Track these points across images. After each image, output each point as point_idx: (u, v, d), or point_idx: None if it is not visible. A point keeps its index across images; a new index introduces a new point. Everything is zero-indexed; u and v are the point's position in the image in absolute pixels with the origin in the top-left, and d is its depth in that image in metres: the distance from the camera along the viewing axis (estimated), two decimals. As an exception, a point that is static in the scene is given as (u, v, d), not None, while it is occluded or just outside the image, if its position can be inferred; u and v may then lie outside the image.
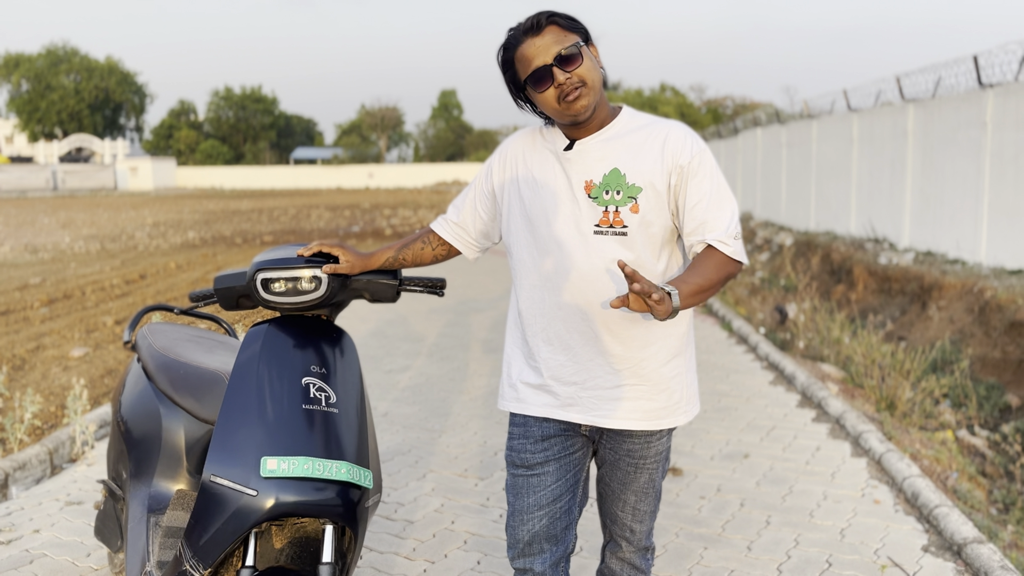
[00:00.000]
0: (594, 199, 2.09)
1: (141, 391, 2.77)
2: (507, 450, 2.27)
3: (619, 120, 2.14)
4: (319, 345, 2.20)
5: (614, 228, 2.07)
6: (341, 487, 2.03)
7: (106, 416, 4.97)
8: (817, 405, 5.53)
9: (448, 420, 5.25)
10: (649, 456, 2.22)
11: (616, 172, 2.08)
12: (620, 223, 2.07)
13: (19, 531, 3.62)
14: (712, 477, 4.27)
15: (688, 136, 2.10)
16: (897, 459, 4.28)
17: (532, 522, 2.20)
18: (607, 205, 2.08)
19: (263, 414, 2.04)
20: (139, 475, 2.59)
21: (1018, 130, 10.09)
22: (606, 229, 2.07)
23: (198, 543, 2.02)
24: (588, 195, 2.10)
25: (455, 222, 2.35)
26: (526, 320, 2.20)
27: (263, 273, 2.19)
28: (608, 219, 2.07)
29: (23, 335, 8.14)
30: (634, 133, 2.12)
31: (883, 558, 3.38)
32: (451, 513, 3.83)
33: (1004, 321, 8.71)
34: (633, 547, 2.32)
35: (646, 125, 2.13)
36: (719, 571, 3.28)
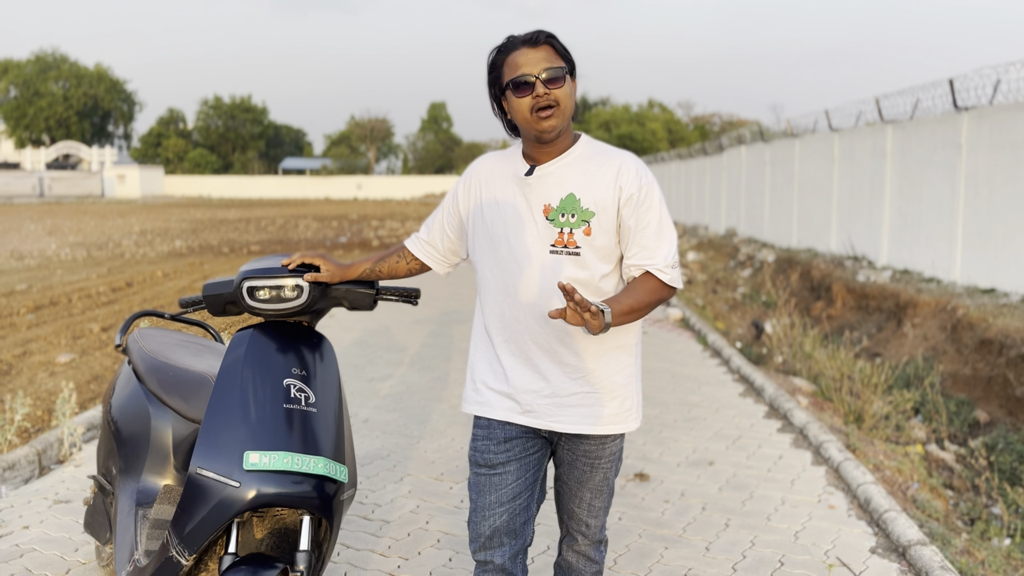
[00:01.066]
0: (551, 221, 2.24)
1: (131, 392, 2.92)
2: (471, 450, 2.40)
3: (577, 147, 2.29)
4: (300, 349, 2.37)
5: (568, 248, 2.23)
6: (318, 481, 2.20)
7: (93, 419, 5.08)
8: (783, 416, 5.71)
9: (427, 427, 5.39)
10: (604, 457, 2.38)
11: (572, 197, 2.23)
12: (573, 243, 2.23)
13: (9, 527, 3.74)
14: (677, 483, 4.43)
15: (639, 169, 2.27)
16: (854, 467, 4.46)
17: (493, 518, 2.34)
18: (562, 227, 2.24)
19: (247, 412, 2.21)
20: (128, 471, 2.74)
21: (992, 152, 10.34)
22: (560, 249, 2.23)
23: (184, 531, 2.18)
24: (546, 217, 2.25)
25: (425, 240, 2.51)
26: (491, 331, 2.35)
27: (249, 281, 2.36)
28: (563, 240, 2.23)
29: (9, 341, 8.21)
30: (589, 160, 2.28)
31: (832, 558, 3.56)
32: (426, 514, 3.98)
33: (975, 339, 8.92)
34: (588, 540, 2.48)
35: (601, 153, 2.30)
36: (678, 570, 3.44)
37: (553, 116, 2.18)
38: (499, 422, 2.34)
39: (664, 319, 10.01)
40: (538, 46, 2.20)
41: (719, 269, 17.37)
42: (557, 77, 2.18)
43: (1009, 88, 10.45)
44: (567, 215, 2.23)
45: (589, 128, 63.99)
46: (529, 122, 2.20)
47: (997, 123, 10.28)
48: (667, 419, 5.65)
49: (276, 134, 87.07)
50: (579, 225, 2.23)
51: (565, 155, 2.27)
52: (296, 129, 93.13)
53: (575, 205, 2.23)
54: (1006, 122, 10.09)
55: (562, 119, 2.20)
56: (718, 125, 71.21)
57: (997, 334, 8.54)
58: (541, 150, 2.26)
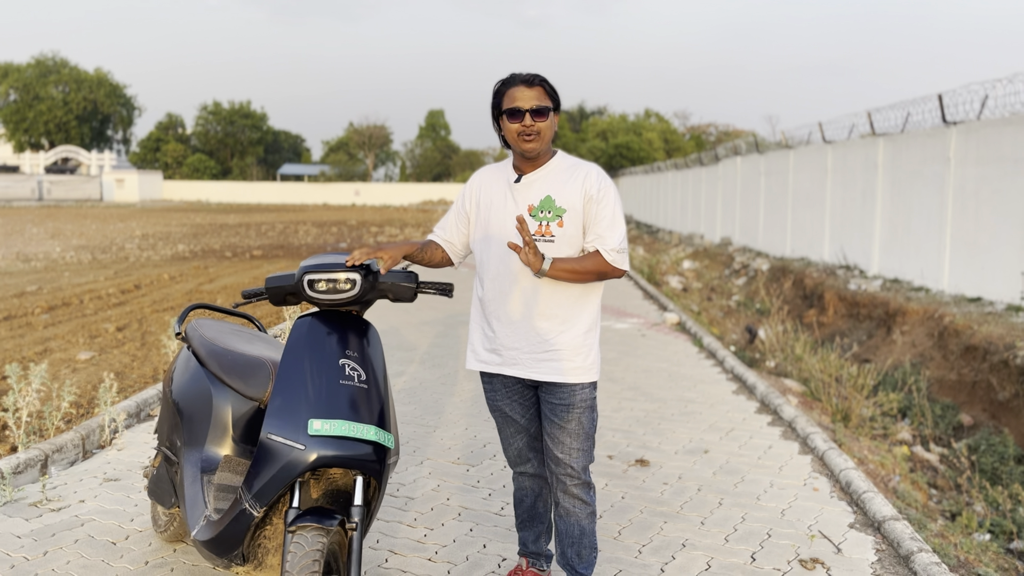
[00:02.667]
0: (533, 216, 2.92)
1: (192, 374, 3.28)
2: (486, 400, 3.16)
3: (554, 160, 2.99)
4: (352, 334, 2.76)
5: (545, 237, 2.90)
6: (370, 446, 2.59)
7: (129, 407, 5.41)
8: (773, 411, 6.07)
9: (441, 418, 5.72)
10: (576, 403, 2.95)
11: (549, 198, 2.91)
12: (549, 233, 2.90)
13: (66, 501, 4.06)
14: (675, 468, 4.82)
15: (599, 176, 2.95)
16: (836, 455, 4.83)
17: (516, 443, 3.14)
18: (541, 221, 2.91)
19: (309, 387, 2.59)
20: (192, 443, 3.09)
21: (979, 166, 10.66)
22: (539, 237, 2.90)
23: (256, 488, 2.56)
24: (529, 214, 2.92)
25: (444, 239, 3.16)
26: (484, 303, 3.02)
27: (309, 275, 2.75)
28: (541, 230, 2.91)
29: (28, 339, 8.47)
30: (564, 171, 2.96)
31: (814, 531, 3.94)
32: (446, 492, 4.33)
33: (960, 345, 9.22)
34: (576, 481, 2.99)
35: (572, 166, 2.98)
36: (675, 540, 3.82)
37: (534, 141, 2.86)
38: (500, 377, 3.04)
39: (662, 323, 10.34)
40: (533, 87, 2.86)
41: (714, 277, 17.69)
42: (542, 113, 2.85)
43: (996, 104, 10.76)
44: (545, 212, 2.91)
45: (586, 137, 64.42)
46: (516, 142, 2.89)
47: (984, 138, 10.60)
48: (665, 413, 5.99)
49: (275, 140, 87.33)
50: (554, 219, 2.90)
51: (545, 167, 2.96)
52: (295, 135, 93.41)
53: (551, 204, 2.91)
54: (992, 137, 10.42)
55: (541, 144, 2.88)
56: (714, 135, 71.61)
57: (981, 341, 8.84)
58: (526, 163, 2.95)
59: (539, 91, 2.84)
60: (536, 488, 3.18)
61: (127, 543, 3.62)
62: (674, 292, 14.13)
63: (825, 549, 3.73)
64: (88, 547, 3.56)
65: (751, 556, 3.65)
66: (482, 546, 3.68)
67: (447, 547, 3.66)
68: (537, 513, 3.20)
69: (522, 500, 3.20)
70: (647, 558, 3.61)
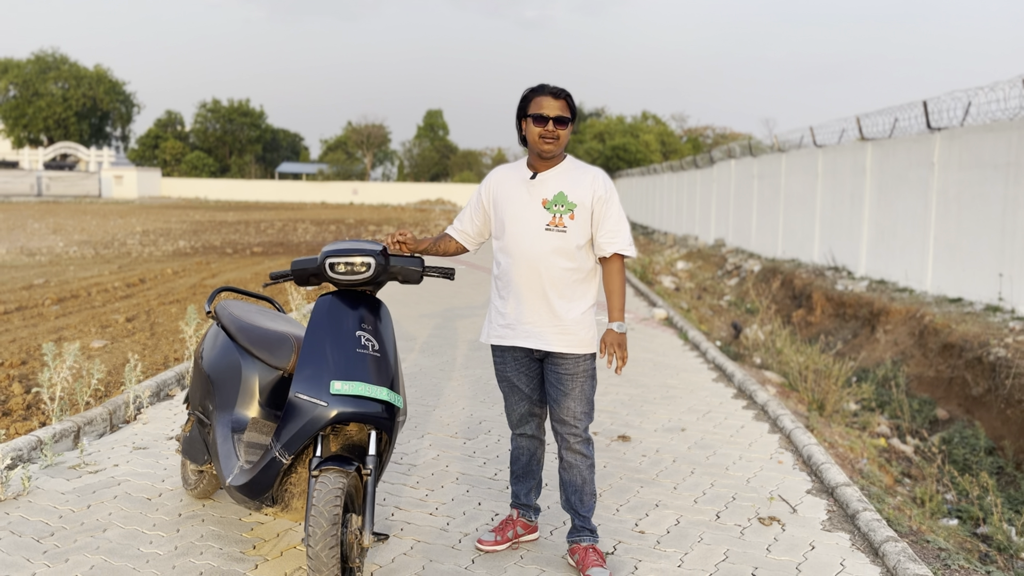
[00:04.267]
0: (547, 209, 3.38)
1: (222, 347, 3.72)
2: (495, 372, 3.60)
3: (564, 163, 3.46)
4: (367, 310, 3.22)
5: (558, 228, 3.36)
6: (383, 405, 3.04)
7: (152, 387, 5.84)
8: (749, 396, 6.53)
9: (440, 399, 6.15)
10: (578, 372, 3.41)
11: (562, 194, 3.38)
12: (562, 224, 3.36)
13: (102, 465, 4.49)
14: (653, 443, 5.26)
15: (605, 179, 3.44)
16: (802, 433, 5.27)
17: (519, 408, 3.57)
18: (555, 213, 3.37)
19: (331, 354, 3.05)
20: (223, 407, 3.53)
21: (961, 171, 11.01)
22: (553, 228, 3.36)
23: (285, 439, 3.01)
24: (543, 207, 3.38)
25: (460, 229, 3.63)
26: (501, 284, 3.47)
27: (330, 259, 3.21)
28: (555, 222, 3.36)
29: (42, 329, 8.81)
30: (573, 172, 3.43)
31: (774, 495, 4.38)
32: (445, 460, 4.78)
33: (939, 343, 9.60)
34: (578, 439, 3.45)
35: (580, 168, 3.46)
36: (650, 501, 4.26)
37: (552, 144, 3.35)
38: (511, 350, 3.49)
39: (650, 318, 10.75)
40: (559, 99, 3.35)
41: (707, 278, 18.05)
42: (564, 122, 3.35)
43: (978, 111, 11.10)
44: (559, 205, 3.38)
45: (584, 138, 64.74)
46: (536, 143, 3.36)
47: (966, 144, 10.94)
48: (648, 397, 6.43)
49: (273, 138, 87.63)
50: (566, 212, 3.37)
51: (557, 167, 3.44)
52: (293, 134, 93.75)
53: (564, 199, 3.38)
54: (974, 143, 10.76)
55: (557, 147, 3.36)
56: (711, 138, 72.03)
57: (958, 339, 9.22)
58: (541, 163, 3.41)
59: (563, 103, 3.32)
60: (532, 448, 3.62)
61: (161, 499, 4.04)
62: (666, 291, 14.51)
63: (783, 510, 4.17)
64: (126, 502, 3.98)
65: (716, 514, 4.08)
66: (477, 504, 4.12)
67: (446, 504, 4.09)
68: (531, 469, 3.64)
69: (519, 458, 3.63)
70: (623, 515, 4.04)
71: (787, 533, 3.86)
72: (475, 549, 3.59)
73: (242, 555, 3.45)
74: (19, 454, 4.39)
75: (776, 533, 3.85)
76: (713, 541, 3.75)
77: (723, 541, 3.76)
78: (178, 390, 6.15)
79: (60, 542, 3.54)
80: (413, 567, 3.41)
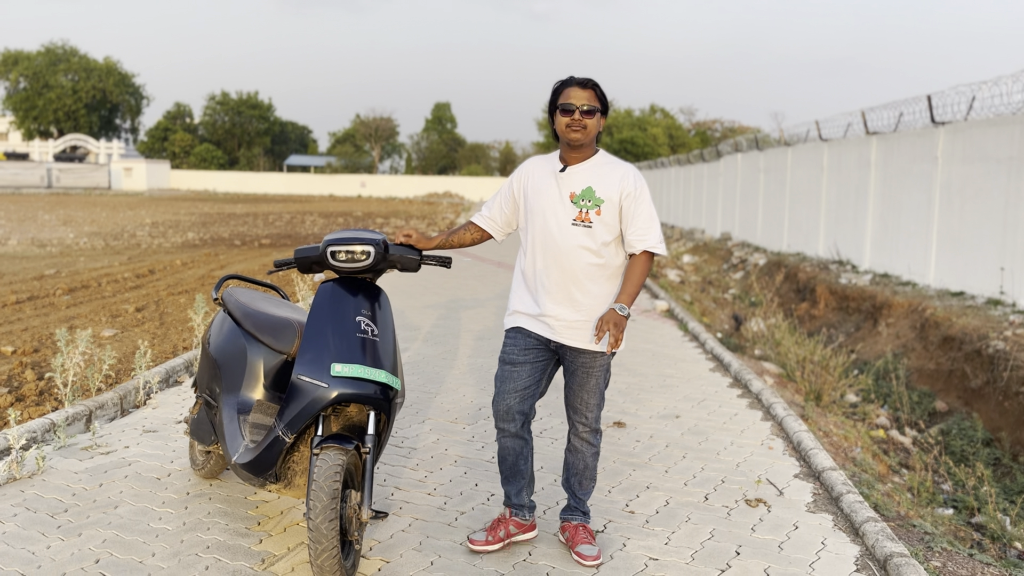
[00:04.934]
0: (574, 203, 3.34)
1: (229, 332, 3.85)
2: (501, 353, 3.50)
3: (596, 157, 3.41)
4: (367, 297, 3.34)
5: (584, 223, 3.32)
6: (381, 387, 3.17)
7: (161, 373, 6.00)
8: (744, 386, 6.65)
9: (442, 386, 6.29)
10: (596, 367, 3.41)
11: (590, 189, 3.33)
12: (588, 220, 3.32)
13: (113, 447, 4.65)
14: (648, 429, 5.37)
15: (636, 176, 3.37)
16: (793, 420, 5.39)
17: (509, 400, 3.45)
18: (581, 208, 3.33)
19: (331, 337, 3.17)
20: (230, 390, 3.66)
21: (964, 165, 11.05)
22: (579, 223, 3.32)
23: (288, 419, 3.15)
24: (571, 201, 3.34)
25: (488, 216, 3.59)
26: (527, 275, 3.44)
27: (332, 247, 3.32)
28: (581, 217, 3.32)
29: (53, 318, 8.97)
30: (603, 167, 3.38)
31: (762, 479, 4.51)
32: (445, 444, 4.91)
33: (939, 336, 9.67)
34: (587, 428, 3.50)
35: (611, 163, 3.41)
36: (641, 483, 4.39)
37: (579, 133, 3.31)
38: (524, 334, 3.43)
39: (652, 310, 10.86)
40: (586, 88, 3.31)
41: (712, 271, 18.11)
42: (592, 112, 3.30)
43: (982, 105, 11.13)
44: (586, 200, 3.34)
45: (591, 132, 64.51)
46: (564, 132, 3.33)
47: (970, 138, 10.97)
48: (644, 385, 6.56)
49: (281, 131, 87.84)
50: (593, 208, 3.33)
51: (588, 161, 3.40)
52: (301, 126, 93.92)
53: (592, 194, 3.34)
54: (978, 137, 10.79)
55: (585, 137, 3.32)
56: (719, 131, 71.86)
57: (958, 332, 9.30)
58: (571, 155, 3.37)
59: (590, 93, 3.29)
60: (517, 448, 3.50)
61: (169, 479, 4.19)
62: (670, 284, 14.60)
63: (769, 492, 4.29)
64: (137, 481, 4.14)
65: (704, 496, 4.21)
66: (474, 484, 4.26)
67: (444, 485, 4.23)
68: (519, 470, 3.53)
69: (505, 458, 3.53)
70: (615, 496, 4.18)
71: (772, 514, 3.98)
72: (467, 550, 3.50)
73: (247, 530, 3.60)
74: (34, 436, 4.54)
75: (762, 514, 3.98)
76: (700, 521, 3.87)
77: (710, 521, 3.88)
78: (186, 376, 6.30)
79: (73, 518, 3.69)
80: (411, 542, 3.55)
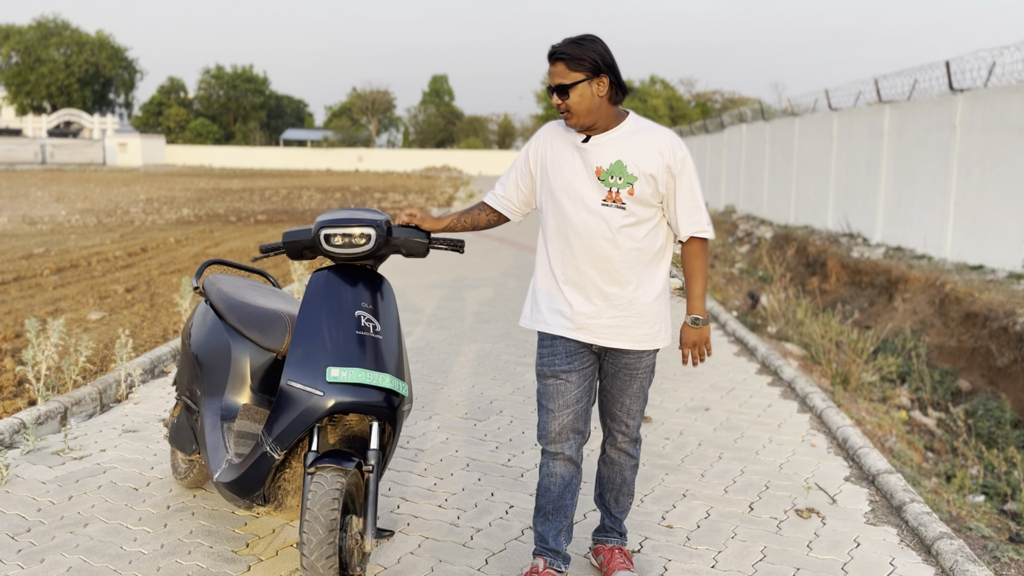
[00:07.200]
0: (602, 181, 2.76)
1: (211, 327, 3.38)
2: (539, 365, 2.94)
3: (625, 124, 2.79)
4: (367, 287, 2.84)
5: (616, 203, 2.76)
6: (385, 393, 2.69)
7: (144, 364, 5.54)
8: (774, 372, 6.21)
9: (449, 376, 5.86)
10: (640, 368, 2.91)
11: (620, 163, 2.74)
12: (620, 200, 2.75)
13: (88, 450, 4.20)
14: (676, 424, 4.93)
15: (674, 145, 2.77)
16: (835, 413, 4.95)
17: (562, 418, 2.89)
18: (611, 187, 2.75)
19: (327, 336, 2.69)
20: (212, 393, 3.20)
21: (984, 134, 10.66)
22: (610, 203, 2.76)
23: (277, 432, 2.68)
24: (598, 178, 2.76)
25: (502, 195, 3.01)
26: (554, 266, 2.87)
27: (326, 229, 2.81)
28: (612, 196, 2.76)
29: (39, 299, 8.58)
30: (636, 135, 2.77)
31: (811, 483, 4.06)
32: (455, 444, 4.47)
33: (961, 312, 9.31)
34: (627, 438, 3.00)
35: (646, 129, 2.80)
36: (677, 490, 3.95)
37: (570, 119, 2.73)
38: (562, 340, 2.87)
39: (665, 289, 10.44)
40: (554, 63, 2.70)
41: (718, 245, 17.74)
42: (563, 90, 2.68)
43: (1003, 71, 10.73)
44: (615, 177, 2.76)
45: (591, 104, 63.87)
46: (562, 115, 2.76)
47: (990, 105, 10.59)
48: (667, 373, 6.10)
49: (277, 105, 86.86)
50: (624, 186, 2.75)
51: (615, 130, 2.78)
52: (297, 100, 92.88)
53: (622, 170, 2.75)
54: (999, 104, 10.40)
55: (580, 119, 2.71)
56: (720, 103, 71.14)
57: (982, 308, 8.93)
58: (588, 129, 2.76)
59: (559, 67, 2.67)
60: (567, 476, 2.93)
61: (148, 489, 3.75)
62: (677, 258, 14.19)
63: (821, 500, 3.85)
64: (111, 492, 3.70)
65: (749, 506, 3.77)
66: (490, 494, 3.82)
67: (456, 495, 3.79)
68: (563, 505, 2.94)
69: (549, 488, 2.94)
70: (649, 507, 3.73)
71: (828, 527, 3.55)
72: None
73: (234, 554, 3.16)
74: (1, 438, 4.12)
75: (816, 527, 3.55)
76: (748, 537, 3.44)
77: (759, 537, 3.44)
78: (173, 366, 5.88)
79: (37, 539, 3.27)
80: (421, 568, 3.10)
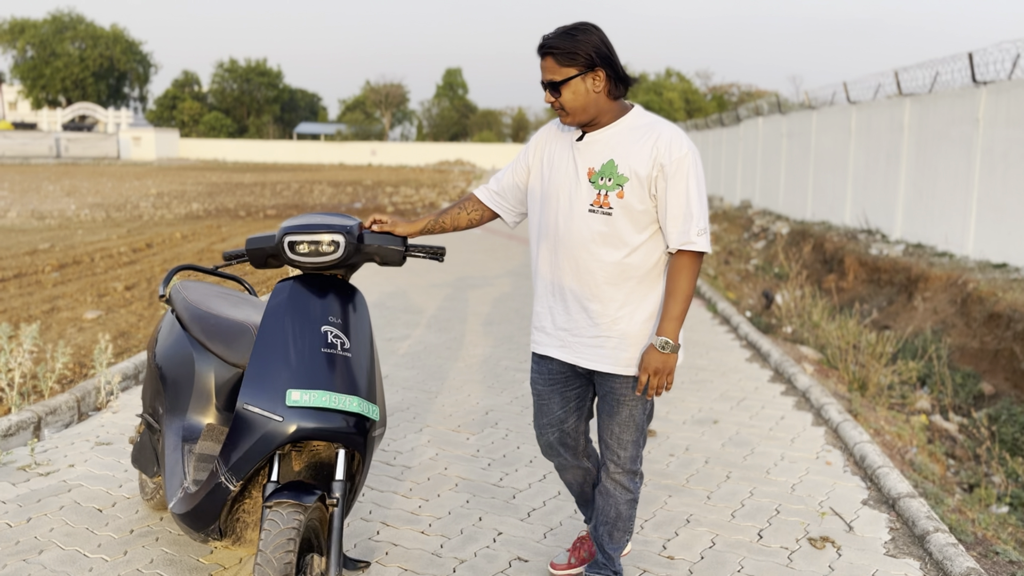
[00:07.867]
0: (592, 183, 2.51)
1: (176, 339, 3.12)
2: (530, 381, 2.82)
3: (625, 119, 2.53)
4: (336, 299, 2.58)
5: (602, 209, 2.49)
6: (353, 418, 2.42)
7: (127, 369, 5.31)
8: (787, 380, 5.89)
9: (444, 383, 5.59)
10: (628, 395, 2.61)
11: (611, 163, 2.48)
12: (607, 205, 2.48)
13: (55, 465, 3.98)
14: (682, 439, 4.64)
15: (674, 140, 2.45)
16: (851, 427, 4.64)
17: (548, 435, 2.81)
18: (600, 189, 2.49)
19: (289, 354, 2.43)
20: (174, 411, 2.95)
21: (1009, 127, 10.35)
22: (596, 209, 2.49)
23: (232, 461, 2.41)
24: (589, 180, 2.51)
25: (495, 191, 2.77)
26: (539, 274, 2.67)
27: (290, 236, 2.56)
28: (599, 201, 2.49)
29: (37, 297, 8.44)
30: (634, 131, 2.50)
31: (825, 508, 3.76)
32: (445, 461, 4.20)
33: (984, 312, 9.00)
34: (620, 469, 2.71)
35: (644, 126, 2.51)
36: (680, 515, 3.66)
37: (566, 117, 2.50)
38: (547, 359, 2.71)
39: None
40: (544, 57, 2.46)
41: (733, 241, 17.45)
42: (554, 86, 2.45)
43: (1029, 63, 10.43)
44: (605, 179, 2.49)
45: (605, 97, 63.58)
46: None
47: (1015, 98, 10.28)
48: (675, 382, 5.81)
49: (291, 98, 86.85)
50: (614, 188, 2.48)
51: (613, 125, 2.52)
52: (311, 94, 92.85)
53: (613, 170, 2.49)
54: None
55: (575, 116, 2.48)
56: (736, 95, 70.54)
57: (1006, 308, 8.63)
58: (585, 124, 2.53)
59: (548, 61, 2.44)
60: (579, 477, 2.90)
61: (113, 510, 3.52)
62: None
63: (836, 527, 3.57)
64: (73, 514, 3.46)
65: (758, 533, 3.49)
66: (478, 519, 3.55)
67: (441, 519, 3.52)
68: (587, 494, 2.95)
69: (570, 485, 2.96)
70: (649, 534, 3.46)
71: (844, 559, 3.26)
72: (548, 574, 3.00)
73: (197, 586, 2.92)
74: (-32, 452, 3.90)
75: (831, 559, 3.26)
76: (756, 570, 3.15)
77: (768, 570, 3.15)
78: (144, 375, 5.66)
79: (-13, 567, 3.02)
80: (397, 604, 2.84)
